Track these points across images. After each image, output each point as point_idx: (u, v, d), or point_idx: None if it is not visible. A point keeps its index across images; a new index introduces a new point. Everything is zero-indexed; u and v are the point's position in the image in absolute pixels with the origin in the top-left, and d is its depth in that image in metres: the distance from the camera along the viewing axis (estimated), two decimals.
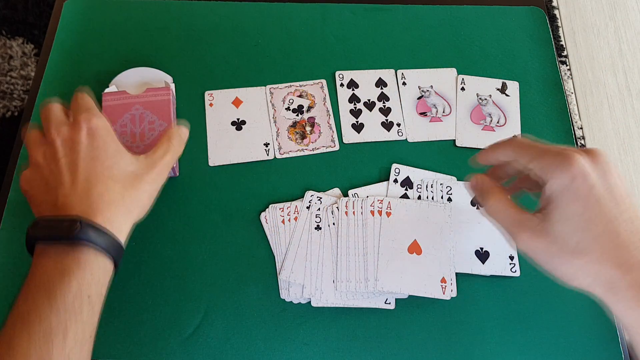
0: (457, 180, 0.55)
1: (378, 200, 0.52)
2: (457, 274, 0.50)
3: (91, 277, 0.39)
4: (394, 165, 0.55)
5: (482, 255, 0.51)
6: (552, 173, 0.39)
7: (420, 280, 0.49)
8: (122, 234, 0.42)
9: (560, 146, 0.41)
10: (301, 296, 0.49)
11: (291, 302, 0.49)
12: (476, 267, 0.50)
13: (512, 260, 0.51)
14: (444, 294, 0.49)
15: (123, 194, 0.42)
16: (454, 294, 0.49)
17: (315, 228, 0.51)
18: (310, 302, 0.49)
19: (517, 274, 0.51)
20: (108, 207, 0.41)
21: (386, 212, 0.51)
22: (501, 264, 0.51)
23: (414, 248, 0.50)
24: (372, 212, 0.51)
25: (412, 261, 0.50)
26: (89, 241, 0.38)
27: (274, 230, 0.51)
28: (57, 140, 0.43)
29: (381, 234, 0.51)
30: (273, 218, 0.52)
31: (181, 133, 0.49)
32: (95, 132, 0.43)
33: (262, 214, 0.52)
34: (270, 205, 0.53)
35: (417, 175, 0.55)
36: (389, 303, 0.49)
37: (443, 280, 0.49)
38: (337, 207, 0.51)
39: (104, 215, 0.40)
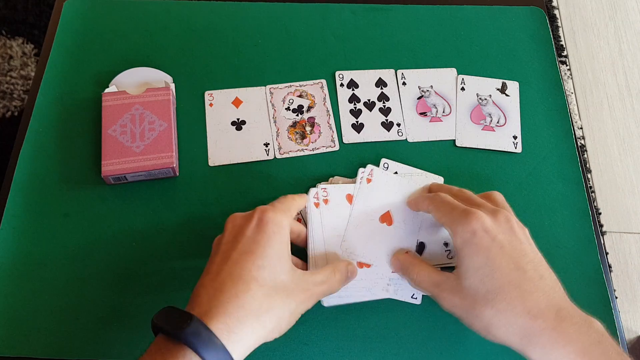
0: (446, 180, 0.55)
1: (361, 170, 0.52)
2: None
3: None
4: (383, 160, 0.55)
5: (419, 247, 0.51)
6: (456, 229, 0.41)
7: (384, 251, 0.49)
8: (240, 346, 0.36)
9: (470, 206, 0.43)
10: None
11: None
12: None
13: (447, 247, 0.51)
14: None
15: (262, 301, 0.37)
16: None
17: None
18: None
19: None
20: (236, 311, 0.36)
21: (366, 179, 0.52)
22: (439, 254, 0.51)
23: (385, 218, 0.51)
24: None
25: (381, 231, 0.50)
26: (193, 348, 0.34)
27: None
28: (229, 226, 0.42)
29: (357, 198, 0.51)
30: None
31: (348, 270, 0.45)
32: (264, 226, 0.40)
33: None
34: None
35: (406, 172, 0.55)
36: (416, 298, 0.49)
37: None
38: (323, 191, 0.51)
39: (226, 322, 0.35)
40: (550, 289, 0.39)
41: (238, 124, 0.57)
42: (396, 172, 0.55)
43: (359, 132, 0.58)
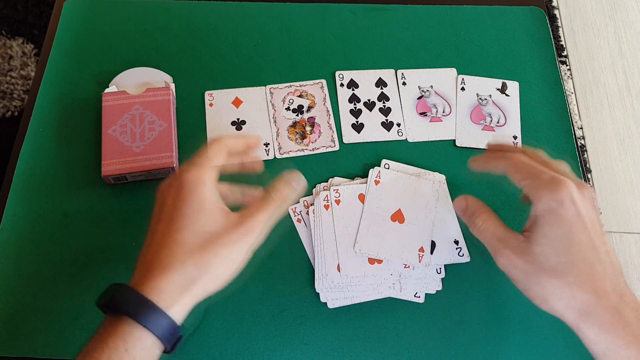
0: (446, 179, 0.55)
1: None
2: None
3: (126, 354, 0.34)
4: (383, 161, 0.55)
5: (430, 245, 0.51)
6: (542, 195, 0.40)
7: (398, 247, 0.50)
8: (175, 306, 0.36)
9: (552, 171, 0.42)
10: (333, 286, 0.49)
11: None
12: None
13: (457, 244, 0.52)
14: (420, 262, 0.50)
15: (186, 260, 0.37)
16: (431, 265, 0.50)
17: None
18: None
19: (467, 259, 0.51)
20: (160, 274, 0.36)
21: (374, 180, 0.52)
22: (449, 252, 0.51)
23: (397, 216, 0.51)
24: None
25: (394, 228, 0.51)
26: (127, 314, 0.35)
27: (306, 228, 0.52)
28: (157, 196, 0.41)
29: (367, 199, 0.51)
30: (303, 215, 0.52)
31: (292, 184, 0.42)
32: (182, 188, 0.39)
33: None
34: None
35: (406, 171, 0.55)
36: (419, 297, 0.50)
37: (421, 250, 0.50)
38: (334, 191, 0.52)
39: (153, 285, 0.36)
40: (617, 275, 0.39)
41: (238, 124, 0.57)
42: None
43: (359, 132, 0.58)
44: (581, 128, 1.34)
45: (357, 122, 0.58)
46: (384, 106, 0.59)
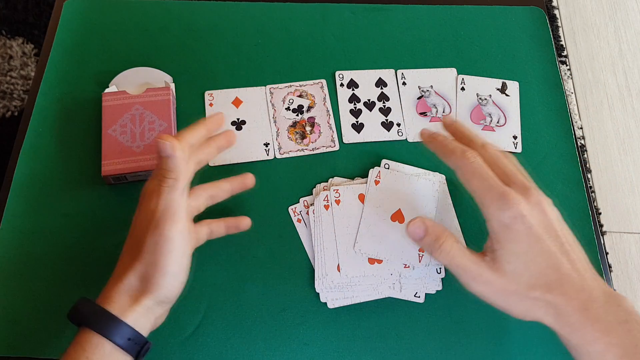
0: (446, 179, 0.55)
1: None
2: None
3: None
4: (383, 161, 0.55)
5: None
6: (493, 214, 0.41)
7: (398, 248, 0.50)
8: (128, 314, 0.39)
9: (500, 176, 0.42)
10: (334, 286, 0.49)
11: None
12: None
13: None
14: (420, 262, 0.50)
15: (129, 274, 0.41)
16: (431, 265, 0.50)
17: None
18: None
19: None
20: (112, 285, 0.40)
21: (374, 180, 0.52)
22: None
23: (397, 216, 0.51)
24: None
25: (394, 229, 0.51)
26: (85, 324, 0.38)
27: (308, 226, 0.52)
28: (138, 219, 0.44)
29: (367, 199, 0.52)
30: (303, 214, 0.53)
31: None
32: (160, 237, 0.41)
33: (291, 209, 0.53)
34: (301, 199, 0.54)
35: (406, 171, 0.55)
36: (419, 297, 0.50)
37: (421, 250, 0.50)
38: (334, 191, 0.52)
39: (105, 294, 0.40)
40: (584, 269, 0.40)
41: (238, 124, 0.57)
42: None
43: (359, 132, 0.58)
44: (581, 128, 1.34)
45: (357, 122, 0.58)
46: (384, 106, 0.59)
